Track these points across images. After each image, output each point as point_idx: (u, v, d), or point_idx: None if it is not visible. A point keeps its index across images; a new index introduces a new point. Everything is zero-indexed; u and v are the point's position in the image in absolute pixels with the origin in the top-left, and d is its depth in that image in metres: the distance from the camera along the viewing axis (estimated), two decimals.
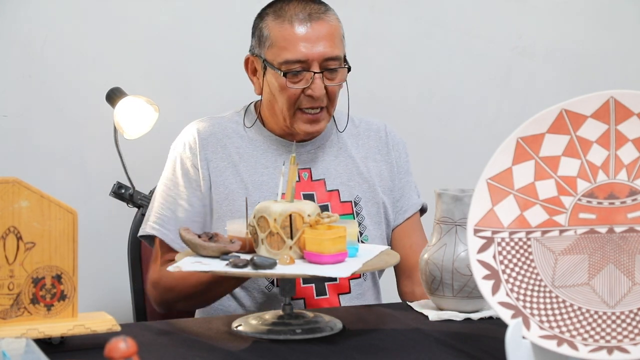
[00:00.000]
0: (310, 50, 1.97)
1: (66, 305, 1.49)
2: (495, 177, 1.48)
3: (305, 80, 1.98)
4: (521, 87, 3.02)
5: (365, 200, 2.09)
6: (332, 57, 1.99)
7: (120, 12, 2.64)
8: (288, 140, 2.07)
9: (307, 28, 1.98)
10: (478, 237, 1.46)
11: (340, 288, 2.03)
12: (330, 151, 2.10)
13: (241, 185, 2.03)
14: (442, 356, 1.51)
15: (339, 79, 2.01)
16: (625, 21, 3.12)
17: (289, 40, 1.97)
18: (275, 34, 1.99)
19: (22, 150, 2.58)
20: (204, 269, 1.57)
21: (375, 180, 2.11)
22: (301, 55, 1.96)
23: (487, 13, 2.99)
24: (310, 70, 1.97)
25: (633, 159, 1.46)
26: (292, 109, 2.00)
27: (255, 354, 1.52)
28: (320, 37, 1.98)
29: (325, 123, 2.04)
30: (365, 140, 2.14)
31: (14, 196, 1.45)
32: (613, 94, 1.46)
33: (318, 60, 1.97)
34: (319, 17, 1.99)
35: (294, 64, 1.97)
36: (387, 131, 2.17)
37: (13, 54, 2.57)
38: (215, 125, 2.09)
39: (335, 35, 2.01)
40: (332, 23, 2.01)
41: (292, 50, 1.97)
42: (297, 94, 1.99)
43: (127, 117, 2.40)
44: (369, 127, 2.16)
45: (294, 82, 1.98)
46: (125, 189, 2.40)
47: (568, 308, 1.41)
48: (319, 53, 1.97)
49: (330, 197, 2.05)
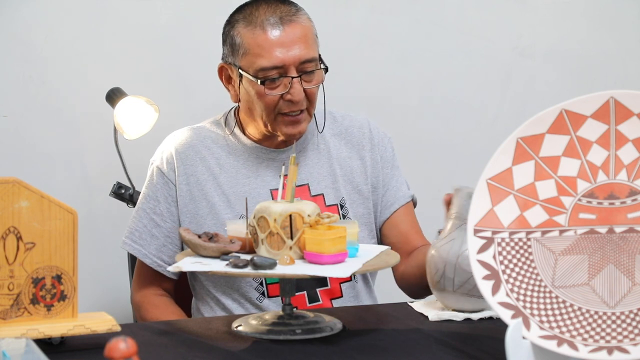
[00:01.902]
0: (285, 54, 1.93)
1: (66, 305, 1.49)
2: (495, 177, 1.48)
3: (283, 85, 1.95)
4: (521, 87, 3.02)
5: (351, 202, 2.07)
6: (308, 59, 1.95)
7: (120, 13, 2.64)
8: (267, 148, 2.05)
9: (280, 32, 1.94)
10: (478, 237, 1.46)
11: (332, 293, 2.02)
12: (312, 155, 2.08)
13: (223, 199, 2.01)
14: (442, 356, 1.51)
15: (317, 80, 1.98)
16: (626, 21, 3.12)
17: (263, 46, 1.93)
18: (248, 41, 1.95)
19: (22, 150, 2.58)
20: (204, 269, 1.57)
21: (359, 180, 2.09)
22: (277, 60, 1.93)
23: (487, 13, 2.99)
24: (287, 75, 1.94)
25: (633, 159, 1.46)
26: (272, 114, 1.97)
27: (255, 354, 1.52)
28: (294, 40, 1.94)
29: (306, 124, 2.01)
30: (349, 138, 2.12)
31: (14, 196, 1.45)
32: (613, 94, 1.46)
33: (295, 64, 1.94)
34: (290, 19, 1.95)
35: (271, 71, 1.93)
36: (371, 127, 2.14)
37: (13, 54, 2.57)
38: (194, 137, 2.06)
39: (309, 36, 1.97)
40: (305, 24, 1.97)
41: (267, 56, 1.93)
42: (276, 100, 1.95)
43: (127, 118, 2.40)
44: (351, 124, 2.13)
45: (272, 88, 1.95)
46: (125, 189, 2.40)
47: (568, 308, 1.41)
48: (295, 57, 1.93)
49: (315, 202, 2.03)
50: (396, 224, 2.11)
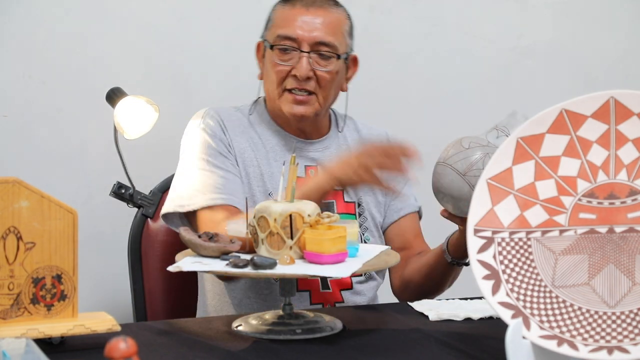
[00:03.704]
0: (303, 31, 2.00)
1: (66, 305, 1.49)
2: (495, 177, 1.48)
3: (294, 60, 2.01)
4: (521, 87, 3.02)
5: (367, 202, 2.11)
6: (324, 42, 2.01)
7: (120, 12, 2.64)
8: (294, 137, 2.08)
9: (306, 12, 2.02)
10: (478, 237, 1.45)
11: (343, 284, 2.05)
12: (336, 153, 2.12)
13: (257, 171, 2.04)
14: (442, 356, 1.51)
15: (331, 68, 2.02)
16: (625, 21, 3.12)
17: (287, 19, 2.02)
18: (277, 14, 2.05)
19: (22, 150, 2.58)
20: (204, 269, 1.57)
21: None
22: (293, 33, 2.00)
23: (487, 13, 2.99)
24: (298, 49, 2.00)
25: (633, 159, 1.46)
26: (279, 88, 2.03)
27: (255, 354, 1.52)
28: (317, 22, 2.02)
29: (312, 109, 2.04)
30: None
31: (14, 196, 1.45)
32: (613, 94, 1.46)
33: (309, 42, 2.00)
34: (321, 6, 2.04)
35: (285, 40, 2.01)
36: (389, 138, 2.19)
37: (13, 54, 2.57)
38: (232, 112, 2.11)
39: (336, 26, 2.04)
40: (335, 15, 2.05)
41: (286, 27, 2.01)
42: (284, 74, 2.01)
43: (127, 117, 2.40)
44: (370, 132, 2.19)
45: (283, 59, 2.01)
46: (125, 189, 2.40)
47: (568, 308, 1.41)
48: (312, 36, 2.00)
49: (335, 196, 2.07)
50: (403, 230, 2.16)
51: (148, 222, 2.31)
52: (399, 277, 2.11)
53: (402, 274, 2.10)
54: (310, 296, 2.01)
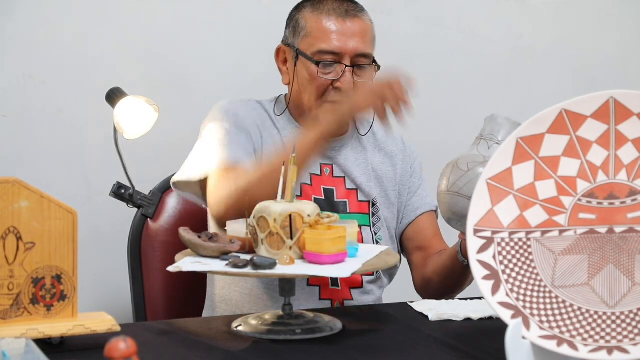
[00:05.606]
0: (344, 44, 2.03)
1: (66, 305, 1.49)
2: (495, 177, 1.48)
3: (335, 72, 2.03)
4: (521, 87, 3.02)
5: (380, 203, 2.13)
6: (364, 53, 2.05)
7: (120, 13, 2.64)
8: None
9: (343, 23, 2.04)
10: (478, 237, 1.45)
11: (353, 282, 2.05)
12: (351, 153, 2.14)
13: None
14: (442, 356, 1.51)
15: (367, 77, 2.06)
16: (625, 21, 3.12)
17: (325, 31, 2.03)
18: (312, 24, 2.05)
19: (22, 150, 2.58)
20: (203, 269, 1.57)
21: (388, 185, 2.16)
22: (335, 47, 2.02)
23: (487, 13, 2.99)
24: (341, 62, 2.02)
25: (633, 159, 1.46)
26: (319, 100, 2.05)
27: (255, 354, 1.52)
28: (354, 33, 2.04)
29: None
30: (382, 147, 2.20)
31: (14, 196, 1.45)
32: (613, 94, 1.46)
33: (350, 55, 2.03)
34: (355, 14, 2.06)
35: (327, 55, 2.03)
36: (404, 140, 2.24)
37: (13, 54, 2.57)
38: (252, 104, 2.12)
39: (368, 34, 2.07)
40: (366, 22, 2.08)
41: (326, 41, 2.03)
42: (326, 85, 2.04)
43: (127, 117, 2.40)
44: (386, 135, 2.21)
45: (325, 73, 2.03)
46: (125, 189, 2.40)
47: (568, 308, 1.41)
48: (352, 48, 2.03)
49: (348, 195, 2.08)
50: (421, 229, 2.17)
51: (148, 222, 2.32)
52: (420, 276, 2.14)
53: (423, 273, 2.12)
54: (319, 291, 2.01)
